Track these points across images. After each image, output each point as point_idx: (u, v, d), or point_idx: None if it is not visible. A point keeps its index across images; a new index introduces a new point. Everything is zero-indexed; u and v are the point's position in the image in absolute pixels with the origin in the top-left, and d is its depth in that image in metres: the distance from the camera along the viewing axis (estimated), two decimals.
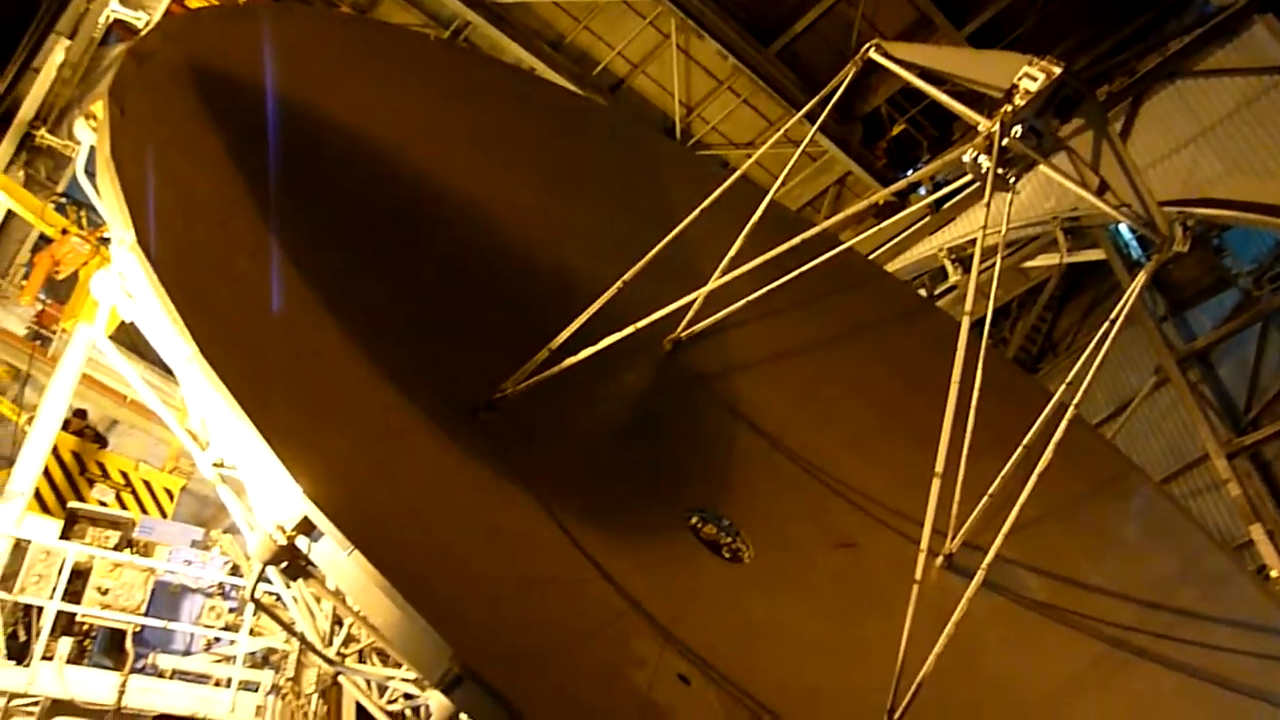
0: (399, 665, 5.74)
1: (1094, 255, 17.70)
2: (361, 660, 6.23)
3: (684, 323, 8.30)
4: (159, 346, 4.93)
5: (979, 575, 6.13)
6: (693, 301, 7.52)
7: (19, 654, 8.37)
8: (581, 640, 5.40)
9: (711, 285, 7.23)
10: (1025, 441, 7.31)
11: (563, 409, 7.85)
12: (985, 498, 7.36)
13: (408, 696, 6.05)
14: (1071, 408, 6.95)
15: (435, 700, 4.87)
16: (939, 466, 6.41)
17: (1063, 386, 7.16)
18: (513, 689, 3.93)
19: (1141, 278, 6.65)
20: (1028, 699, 7.73)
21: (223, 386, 4.26)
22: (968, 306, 6.31)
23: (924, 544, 6.47)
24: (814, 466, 8.97)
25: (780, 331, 9.42)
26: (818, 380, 9.57)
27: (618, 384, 8.32)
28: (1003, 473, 7.28)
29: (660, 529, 8.13)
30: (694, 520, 8.22)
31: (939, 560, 7.49)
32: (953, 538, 7.47)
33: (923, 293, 17.42)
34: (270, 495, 4.42)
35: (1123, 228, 17.29)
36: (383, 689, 6.40)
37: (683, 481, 8.70)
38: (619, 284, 6.72)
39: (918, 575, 6.14)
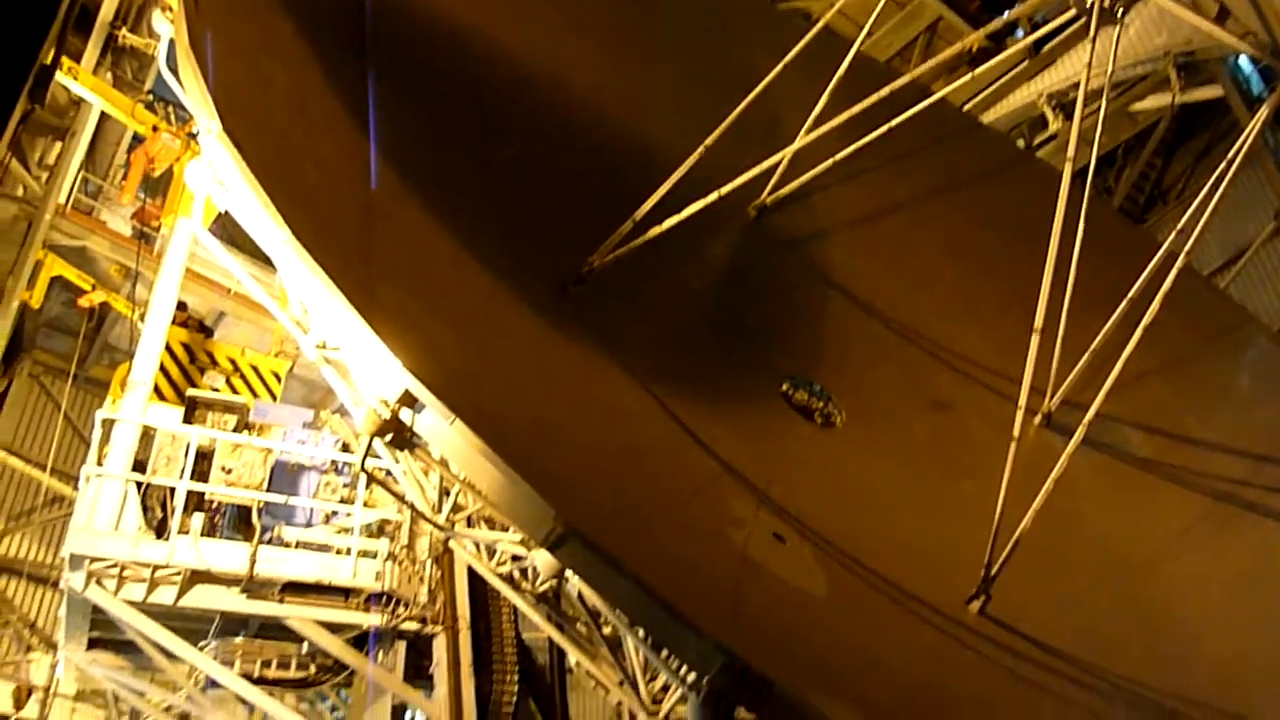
0: (505, 529, 6.01)
1: (1209, 93, 16.48)
2: (470, 526, 6.54)
3: (769, 187, 8.10)
4: (254, 233, 5.06)
5: (1079, 432, 6.01)
6: (778, 164, 7.32)
7: (158, 530, 9.05)
8: (679, 502, 5.53)
9: (796, 145, 7.01)
10: (1130, 295, 7.01)
11: (651, 281, 7.84)
12: (1087, 354, 7.14)
13: (515, 558, 6.35)
14: (1182, 256, 6.61)
15: (542, 559, 5.11)
16: (1038, 322, 6.23)
17: (1172, 234, 6.79)
18: (615, 546, 4.08)
19: (1263, 112, 6.17)
20: (1128, 556, 7.67)
21: (318, 268, 4.37)
22: (1070, 153, 6.00)
23: (1021, 401, 6.36)
24: (907, 329, 8.82)
25: (870, 192, 9.13)
26: (910, 241, 9.30)
27: (704, 253, 8.24)
28: (1106, 327, 7.03)
29: (752, 396, 8.17)
30: (785, 387, 8.23)
31: (1037, 419, 7.36)
32: (1052, 396, 7.31)
33: (1021, 144, 16.60)
34: (372, 371, 4.57)
35: (1243, 60, 16.03)
36: (491, 552, 6.73)
37: (773, 349, 8.68)
38: (700, 149, 6.57)
39: (1015, 433, 6.07)
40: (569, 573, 4.98)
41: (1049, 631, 6.08)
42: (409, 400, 4.32)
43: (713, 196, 6.46)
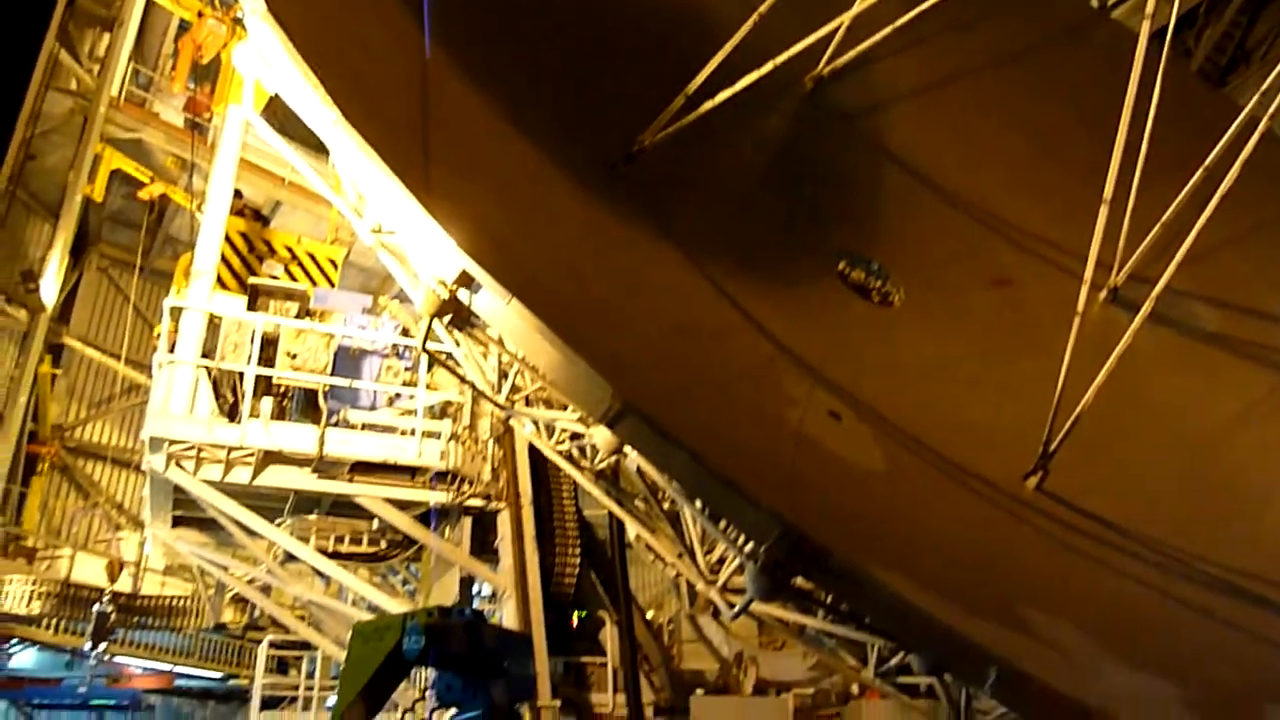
0: (564, 408, 6.12)
1: None
2: (529, 405, 6.67)
3: (826, 57, 7.80)
4: (304, 116, 5.04)
5: (1145, 307, 5.85)
6: (835, 31, 7.03)
7: (230, 414, 9.39)
8: (734, 381, 5.55)
9: (855, 11, 6.70)
10: (1207, 163, 6.69)
11: (703, 158, 7.69)
12: (1158, 226, 6.89)
13: (574, 436, 6.48)
14: (1264, 122, 6.26)
15: (600, 435, 5.21)
16: (1107, 193, 6.00)
17: (1254, 98, 6.42)
18: (671, 423, 4.13)
19: None
20: (1193, 431, 7.55)
21: (370, 149, 4.35)
22: (1149, 9, 5.65)
23: (1087, 275, 6.19)
24: (968, 204, 8.58)
25: (931, 61, 8.74)
26: (972, 112, 8.93)
27: (759, 129, 8.03)
28: (1180, 197, 6.74)
29: (807, 275, 8.08)
30: (842, 265, 8.12)
31: (1103, 294, 7.18)
32: (1119, 270, 7.10)
33: (1095, 3, 15.69)
34: (428, 252, 4.60)
35: None
36: (551, 430, 6.87)
37: (829, 226, 8.52)
38: (754, 17, 6.31)
39: (1079, 308, 5.93)
40: (627, 448, 5.07)
41: (1109, 507, 6.06)
42: (466, 280, 4.35)
43: (767, 67, 6.25)
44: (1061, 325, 5.97)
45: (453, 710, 3.78)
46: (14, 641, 18.31)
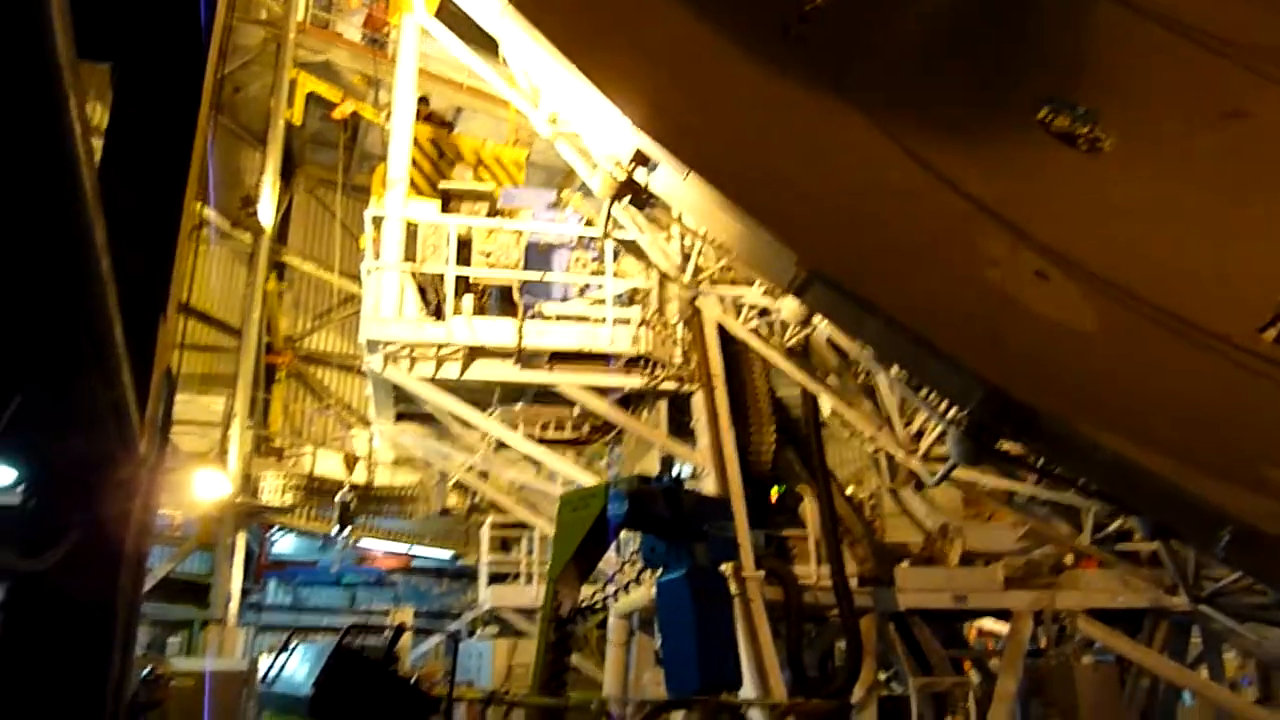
0: (749, 284, 6.05)
1: None
2: (714, 284, 6.65)
3: None
4: (473, 9, 5.08)
5: None
6: None
7: (435, 313, 9.92)
8: (928, 244, 5.29)
9: None
10: None
11: (881, 15, 7.22)
12: None
13: (763, 313, 6.42)
14: None
15: (788, 306, 5.13)
16: None
17: None
18: (860, 288, 4.00)
19: None
20: None
21: (539, 34, 4.34)
22: None
23: None
24: (1189, 27, 7.65)
25: None
26: None
27: None
28: None
29: (1003, 127, 7.54)
30: (1043, 113, 7.51)
31: None
32: None
33: None
34: (603, 135, 4.59)
35: None
36: (738, 309, 6.84)
37: (1027, 71, 7.86)
38: None
39: None
40: (816, 319, 4.97)
41: None
42: (642, 159, 4.32)
43: None
44: None
45: (659, 571, 3.93)
46: (275, 529, 20.68)
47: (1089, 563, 9.49)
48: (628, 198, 4.62)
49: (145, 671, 11.42)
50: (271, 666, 5.24)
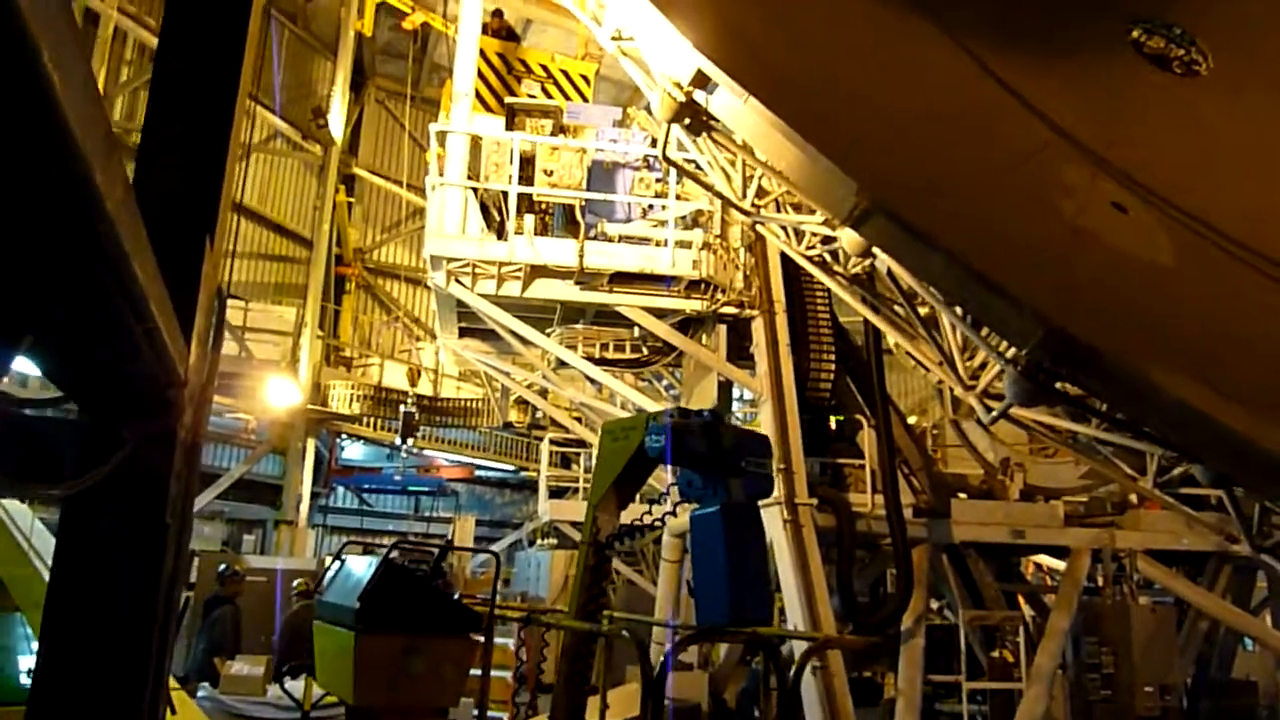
0: (812, 211, 5.90)
1: None
2: (778, 210, 6.50)
3: None
4: None
5: None
6: None
7: (498, 232, 9.93)
8: (999, 171, 5.07)
9: None
10: None
11: None
12: None
13: (825, 240, 6.27)
14: None
15: (847, 237, 4.99)
16: None
17: None
18: (923, 220, 3.86)
19: None
20: None
21: None
22: None
23: None
24: None
25: None
26: None
27: None
28: None
29: (1091, 47, 7.13)
30: (1136, 33, 7.09)
31: None
32: None
33: None
34: (663, 54, 4.46)
35: None
36: (800, 235, 6.69)
37: None
38: None
39: None
40: (878, 251, 4.83)
41: None
42: (701, 81, 4.20)
43: None
44: None
45: (695, 505, 3.95)
46: (344, 436, 21.34)
47: (1152, 504, 9.30)
48: (686, 120, 4.50)
49: (223, 567, 12.02)
50: (324, 577, 5.45)
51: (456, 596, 6.50)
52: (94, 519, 2.03)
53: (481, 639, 4.96)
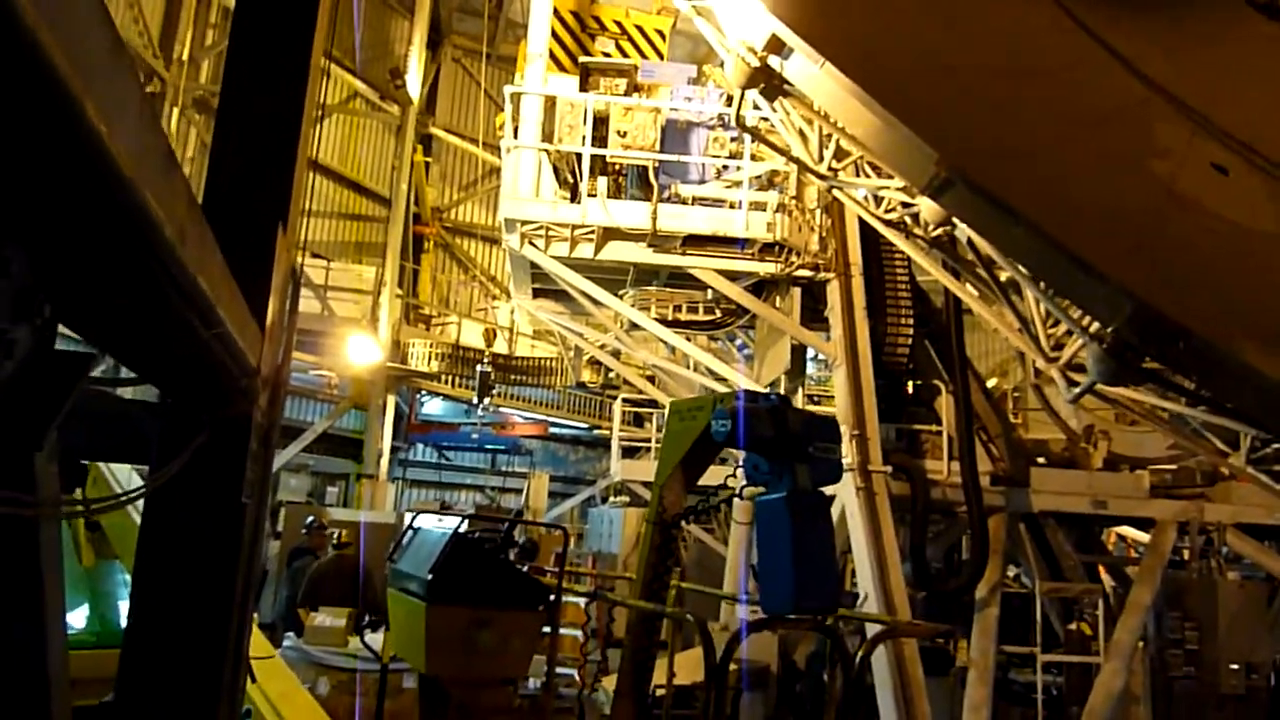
0: (891, 176, 5.74)
1: None
2: (857, 174, 6.34)
3: None
4: None
5: None
6: None
7: (572, 194, 9.93)
8: (1089, 131, 4.85)
9: None
10: None
11: None
12: None
13: (905, 204, 6.09)
14: None
15: (926, 206, 4.85)
16: None
17: None
18: (1006, 190, 3.71)
19: None
20: None
21: None
22: None
23: None
24: None
25: None
26: None
27: None
28: None
29: None
30: None
31: None
32: None
33: None
34: (739, 18, 4.35)
35: None
36: (879, 199, 6.52)
37: None
38: None
39: None
40: (957, 219, 4.68)
41: None
42: (776, 46, 4.08)
43: None
44: None
45: (760, 489, 3.91)
46: (423, 393, 21.79)
47: (1243, 478, 8.94)
48: (761, 85, 4.39)
49: (309, 519, 12.46)
50: (398, 544, 5.59)
51: (526, 569, 6.63)
52: (175, 500, 2.10)
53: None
